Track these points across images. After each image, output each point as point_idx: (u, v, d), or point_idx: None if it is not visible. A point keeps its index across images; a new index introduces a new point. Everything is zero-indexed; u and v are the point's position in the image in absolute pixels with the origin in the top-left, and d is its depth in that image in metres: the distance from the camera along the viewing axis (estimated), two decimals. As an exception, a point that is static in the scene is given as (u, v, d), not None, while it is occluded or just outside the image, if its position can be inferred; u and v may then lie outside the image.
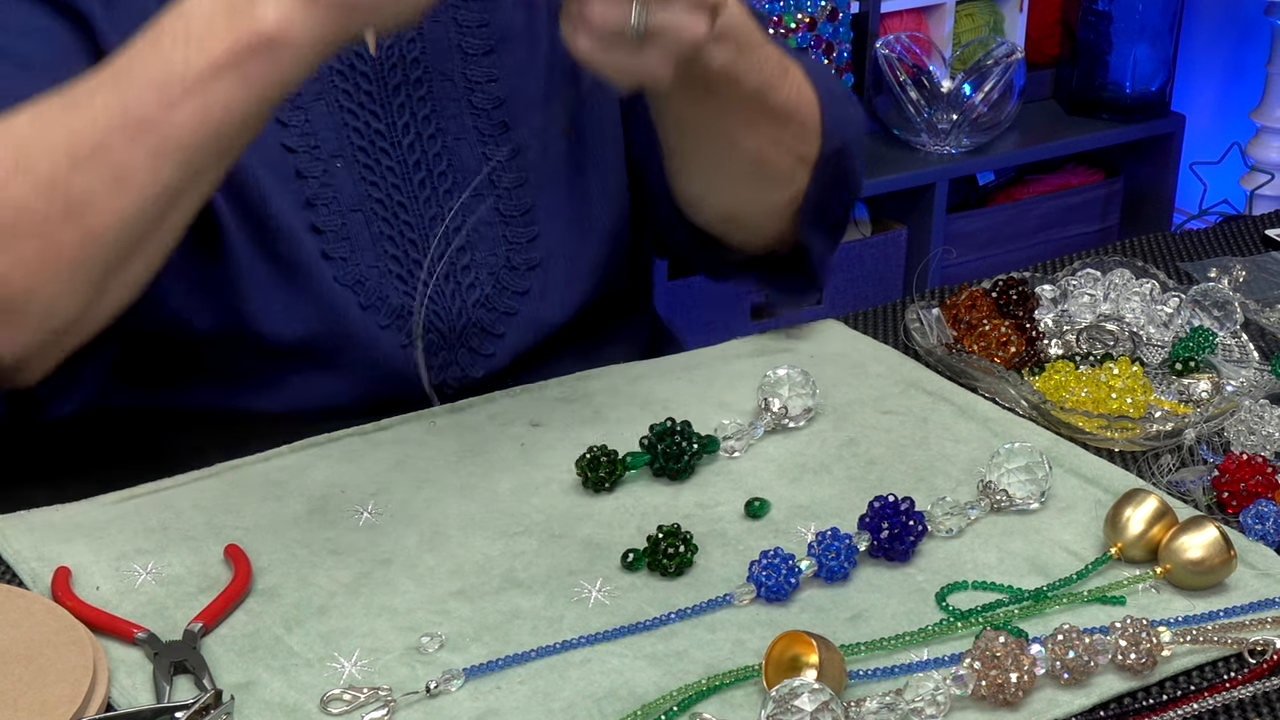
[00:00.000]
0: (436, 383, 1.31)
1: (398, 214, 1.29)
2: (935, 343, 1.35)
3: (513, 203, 1.33)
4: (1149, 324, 1.40)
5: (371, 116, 1.28)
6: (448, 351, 1.31)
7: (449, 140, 1.31)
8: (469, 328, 1.31)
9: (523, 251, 1.33)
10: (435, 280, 1.30)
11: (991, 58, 3.24)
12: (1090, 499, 1.16)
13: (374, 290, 1.28)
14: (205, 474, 1.18)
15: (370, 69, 1.28)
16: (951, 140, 3.22)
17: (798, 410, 1.25)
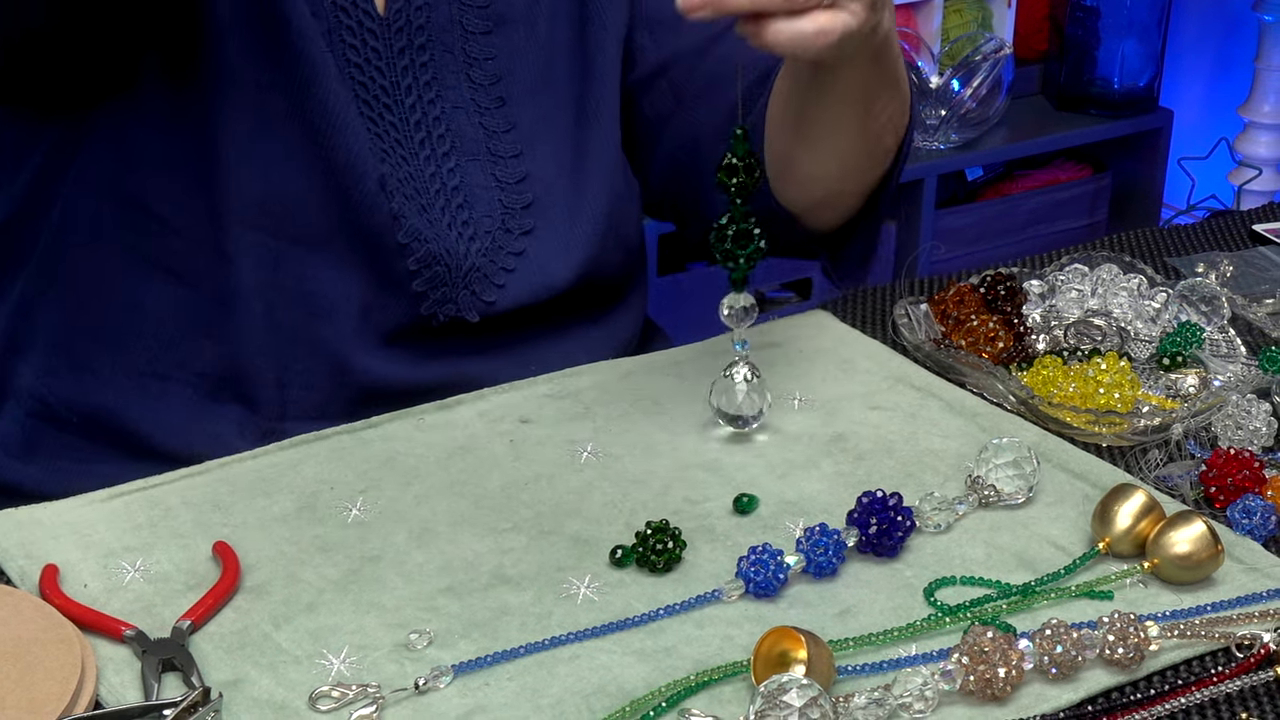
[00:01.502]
0: (427, 313, 1.33)
1: (400, 165, 1.32)
2: (923, 338, 1.35)
3: (508, 170, 1.36)
4: (1136, 319, 1.40)
5: (376, 73, 1.32)
6: (449, 288, 1.33)
7: (447, 108, 1.35)
8: (474, 271, 1.34)
9: (516, 217, 1.36)
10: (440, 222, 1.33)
11: (980, 53, 3.24)
12: (1078, 494, 1.16)
13: (403, 207, 1.31)
14: (193, 471, 1.18)
15: (377, 27, 1.32)
16: (940, 136, 3.22)
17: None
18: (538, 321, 1.38)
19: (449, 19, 1.35)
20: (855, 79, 1.24)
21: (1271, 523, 1.12)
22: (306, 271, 1.30)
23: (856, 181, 1.36)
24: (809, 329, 1.40)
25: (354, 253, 1.30)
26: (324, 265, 1.30)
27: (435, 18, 1.34)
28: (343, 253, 1.30)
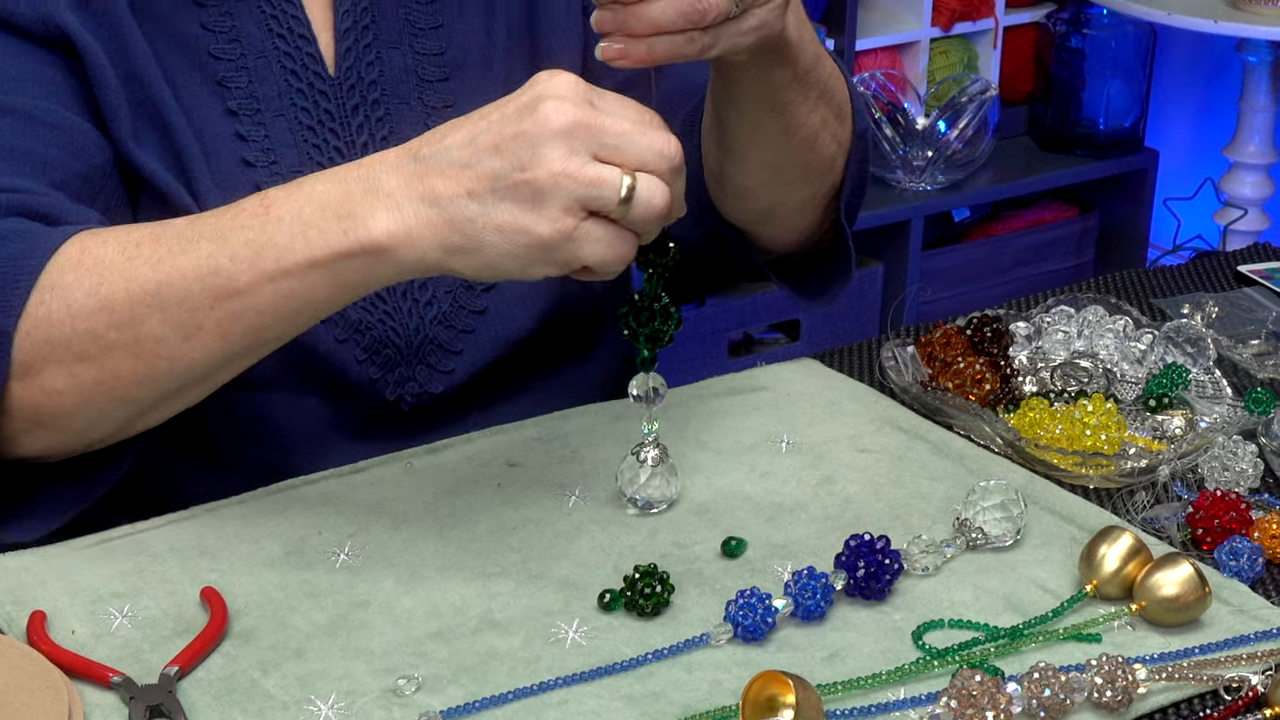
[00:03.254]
0: (394, 397, 1.32)
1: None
2: (910, 380, 1.35)
3: None
4: (1123, 361, 1.40)
5: (330, 134, 1.30)
6: (405, 367, 1.32)
7: None
8: (426, 344, 1.32)
9: None
10: (392, 295, 1.31)
11: (966, 95, 3.26)
12: (1065, 536, 1.16)
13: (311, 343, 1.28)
14: (181, 516, 1.18)
15: (329, 88, 1.30)
16: (927, 177, 3.23)
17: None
18: (506, 376, 1.36)
19: (403, 69, 1.33)
20: (763, 84, 1.21)
21: (1259, 564, 1.12)
22: (258, 411, 1.29)
23: (797, 192, 1.33)
24: (795, 373, 1.40)
25: (299, 374, 1.29)
26: (278, 398, 1.29)
27: (388, 71, 1.32)
28: (296, 381, 1.29)
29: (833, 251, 1.42)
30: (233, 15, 1.28)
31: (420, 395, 1.33)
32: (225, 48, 1.27)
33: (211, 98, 1.27)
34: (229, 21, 1.28)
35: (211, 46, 1.27)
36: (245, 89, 1.28)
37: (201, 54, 1.27)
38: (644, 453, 1.18)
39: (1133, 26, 3.37)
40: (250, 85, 1.28)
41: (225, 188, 1.25)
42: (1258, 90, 3.24)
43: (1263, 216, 3.30)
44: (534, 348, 1.37)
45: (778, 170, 1.30)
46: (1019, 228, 3.47)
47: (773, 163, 1.29)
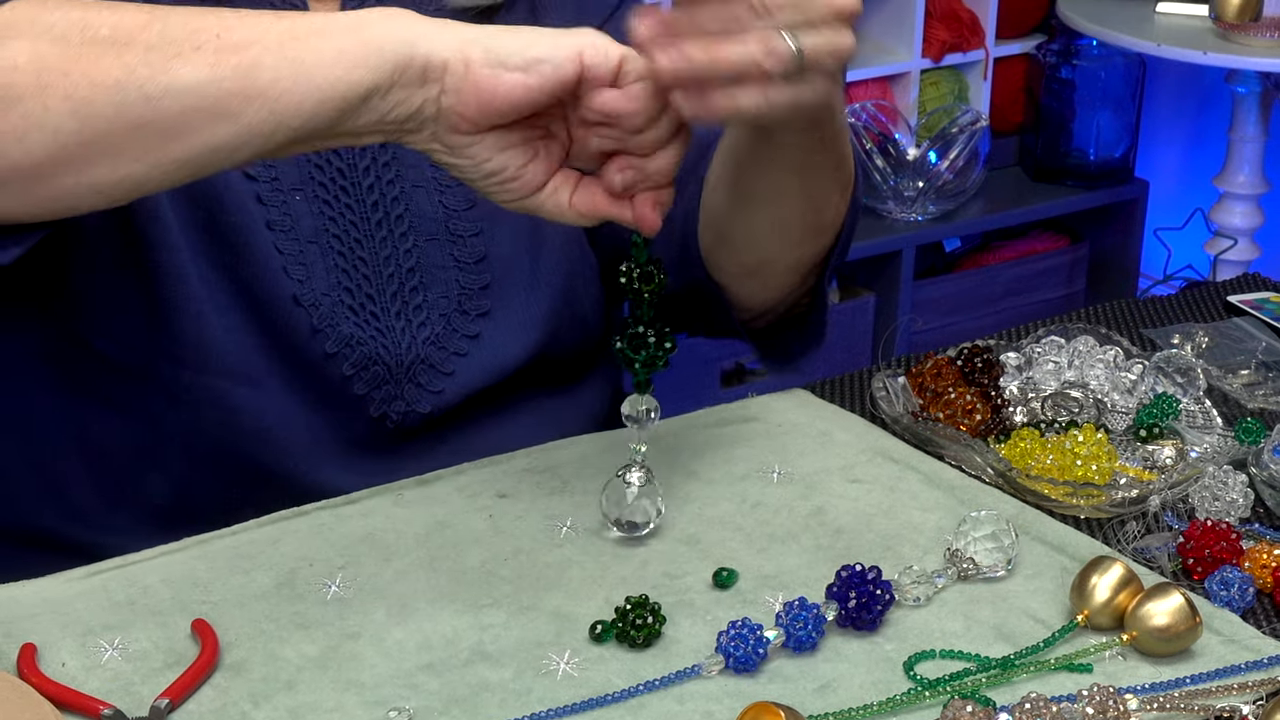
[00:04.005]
0: (377, 414, 1.32)
1: (353, 249, 1.31)
2: (901, 411, 1.35)
3: (467, 249, 1.35)
4: (1113, 391, 1.40)
5: (334, 155, 1.31)
6: (393, 385, 1.32)
7: (407, 187, 1.33)
8: (418, 363, 1.33)
9: (474, 298, 1.35)
10: (386, 314, 1.32)
11: (956, 125, 3.27)
12: (1056, 566, 1.16)
13: (326, 316, 1.30)
14: (172, 548, 1.18)
15: None
16: (918, 207, 3.24)
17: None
18: (495, 403, 1.37)
19: None
20: (797, 149, 1.22)
21: (1249, 594, 1.12)
22: (249, 407, 1.29)
23: (793, 252, 1.34)
24: (787, 403, 1.40)
25: (289, 378, 1.30)
26: (265, 398, 1.29)
27: None
28: (279, 381, 1.29)
29: (805, 317, 1.42)
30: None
31: (406, 414, 1.33)
32: None
33: None
34: None
35: None
36: None
37: None
38: (629, 475, 1.18)
39: (1122, 58, 3.38)
40: None
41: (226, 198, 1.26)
42: (1247, 121, 3.25)
43: (1253, 246, 3.31)
44: (526, 376, 1.38)
45: (784, 228, 1.31)
46: (1010, 258, 3.48)
47: (782, 221, 1.30)
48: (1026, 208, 3.39)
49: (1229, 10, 2.97)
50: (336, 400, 1.31)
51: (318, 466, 1.30)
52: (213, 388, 1.28)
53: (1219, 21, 3.02)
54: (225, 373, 1.28)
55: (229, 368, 1.28)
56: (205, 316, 1.27)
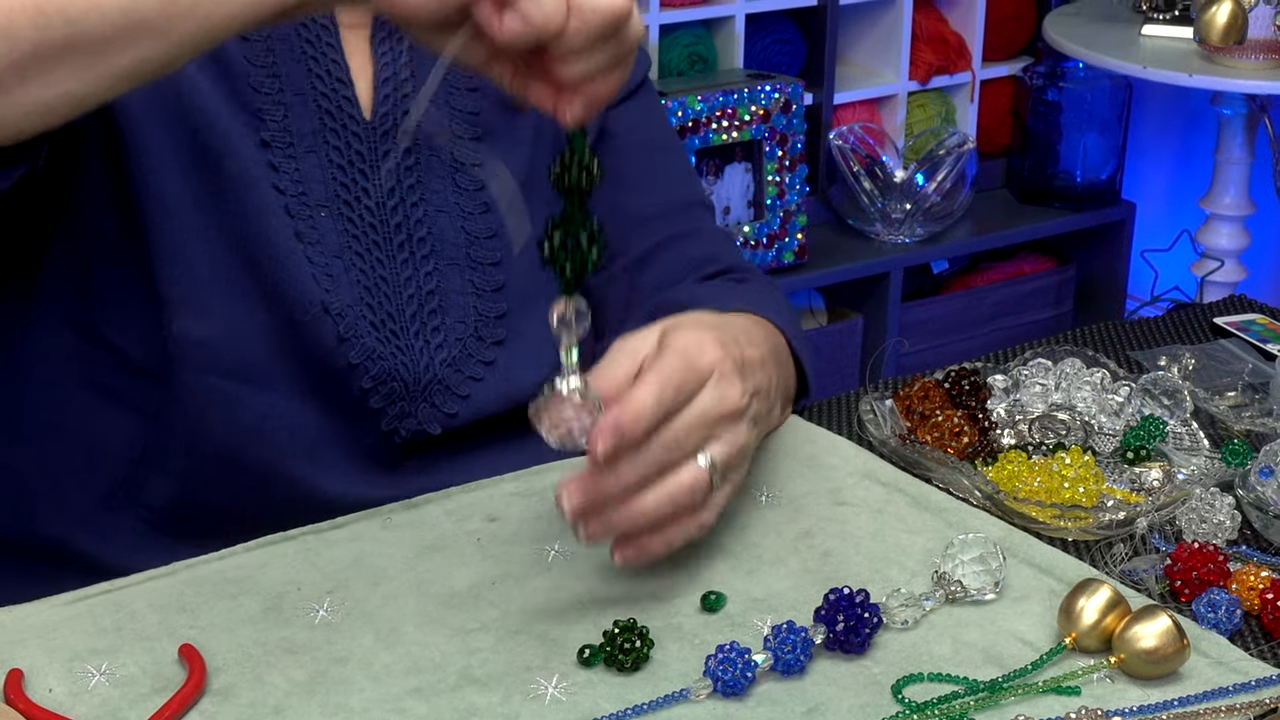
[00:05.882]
0: (388, 429, 1.33)
1: (375, 268, 1.33)
2: (889, 434, 1.35)
3: (486, 277, 1.37)
4: (1100, 413, 1.40)
5: (359, 174, 1.33)
6: (408, 402, 1.34)
7: (430, 210, 1.36)
8: (434, 384, 1.34)
9: (490, 326, 1.37)
10: (405, 333, 1.33)
11: (943, 148, 3.27)
12: (1044, 589, 1.16)
13: (352, 327, 1.31)
14: (159, 573, 1.17)
15: (362, 131, 1.34)
16: (905, 229, 3.24)
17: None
18: (503, 430, 1.38)
19: (438, 123, 1.37)
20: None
21: (1237, 616, 1.12)
22: (258, 408, 1.30)
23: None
24: (775, 425, 1.40)
25: (305, 382, 1.31)
26: (276, 399, 1.30)
27: (424, 122, 1.36)
28: (293, 384, 1.30)
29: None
30: (274, 52, 1.31)
31: (416, 432, 1.35)
32: (265, 81, 1.31)
33: (246, 127, 1.29)
34: (270, 58, 1.31)
35: (252, 78, 1.30)
36: (280, 123, 1.31)
37: (241, 83, 1.30)
38: (563, 382, 1.08)
39: (1108, 80, 3.39)
40: (285, 120, 1.31)
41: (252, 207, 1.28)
42: (1233, 143, 3.26)
43: (1239, 268, 3.32)
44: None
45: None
46: (997, 280, 3.48)
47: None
48: (1014, 230, 3.40)
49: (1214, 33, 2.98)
50: (350, 410, 1.32)
51: (320, 472, 1.31)
52: (221, 387, 1.28)
53: (1204, 44, 3.02)
54: (236, 373, 1.29)
55: (242, 368, 1.29)
56: (224, 316, 1.28)
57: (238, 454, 1.30)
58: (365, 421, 1.33)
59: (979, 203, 3.40)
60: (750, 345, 1.21)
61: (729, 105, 3.01)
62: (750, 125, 3.04)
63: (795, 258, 3.14)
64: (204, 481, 1.30)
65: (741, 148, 3.08)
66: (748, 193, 3.11)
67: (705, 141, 3.00)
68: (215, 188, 1.27)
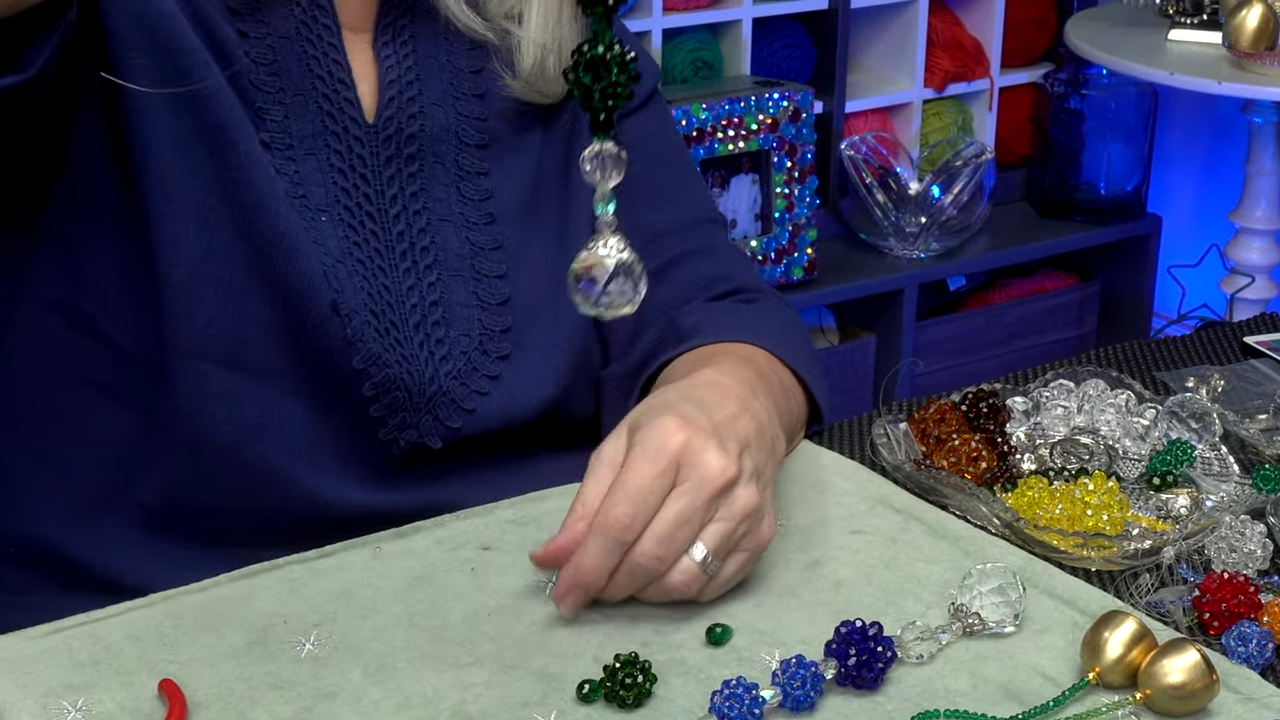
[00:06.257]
0: (386, 439, 1.34)
1: (377, 276, 1.34)
2: (903, 459, 1.36)
3: (491, 290, 1.39)
4: (1125, 437, 1.41)
5: (360, 180, 1.35)
6: (410, 413, 1.35)
7: (434, 219, 1.38)
8: (439, 395, 1.35)
9: (495, 340, 1.38)
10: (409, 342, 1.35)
11: (960, 158, 3.28)
12: (1066, 621, 1.17)
13: (359, 330, 1.32)
14: (138, 604, 1.18)
15: (364, 134, 1.35)
16: (920, 244, 3.25)
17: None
18: (505, 447, 1.39)
19: (444, 128, 1.38)
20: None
21: (1268, 650, 1.13)
22: (256, 402, 1.30)
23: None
24: (784, 449, 1.41)
25: (306, 381, 1.31)
26: (275, 395, 1.31)
27: (429, 126, 1.38)
28: (294, 382, 1.31)
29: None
30: (275, 50, 1.33)
31: (415, 445, 1.36)
32: (267, 80, 1.32)
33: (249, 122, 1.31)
34: (271, 56, 1.33)
35: (254, 75, 1.32)
36: (280, 123, 1.32)
37: (244, 79, 1.31)
38: (601, 243, 0.99)
39: (1134, 87, 3.40)
40: (286, 120, 1.33)
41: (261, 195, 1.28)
42: (1264, 153, 3.26)
43: (1270, 284, 3.32)
44: (537, 430, 1.41)
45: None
46: (1016, 297, 3.49)
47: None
48: (1034, 244, 3.40)
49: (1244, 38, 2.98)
50: (349, 415, 1.33)
51: (318, 474, 1.32)
52: (219, 378, 1.29)
53: (1234, 49, 3.03)
54: (235, 363, 1.30)
55: (241, 359, 1.30)
56: (226, 303, 1.29)
57: (235, 450, 1.30)
58: (364, 429, 1.34)
59: (997, 216, 3.41)
60: (722, 402, 1.21)
61: (735, 114, 3.02)
62: (758, 135, 3.05)
63: (805, 274, 3.14)
64: (199, 479, 1.31)
65: (748, 158, 3.09)
66: (755, 205, 3.12)
67: (710, 152, 3.01)
68: (221, 173, 1.28)
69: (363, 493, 1.33)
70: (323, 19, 1.35)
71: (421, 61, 1.39)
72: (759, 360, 1.34)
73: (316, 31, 1.35)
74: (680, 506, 1.13)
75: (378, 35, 1.38)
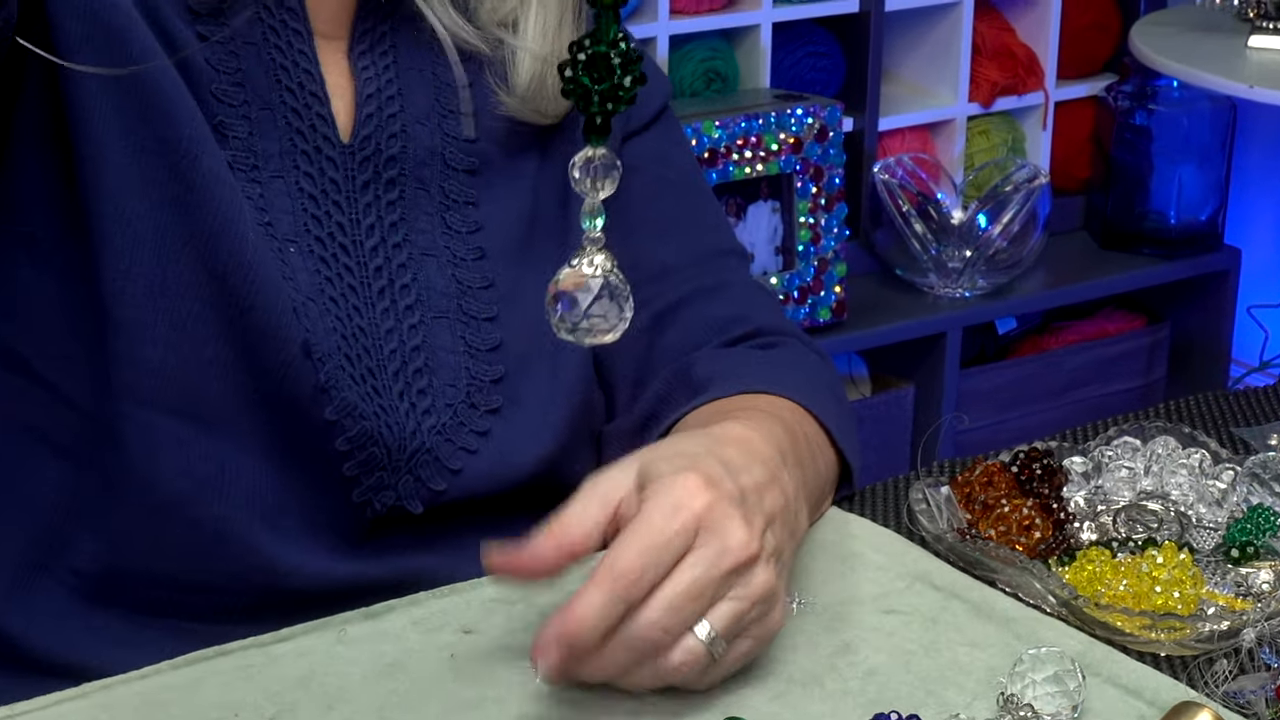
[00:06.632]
0: (359, 500, 1.34)
1: (352, 317, 1.34)
2: (945, 527, 1.36)
3: (480, 335, 1.39)
4: (1199, 502, 1.41)
5: (334, 207, 1.35)
6: (389, 473, 1.34)
7: (416, 253, 1.37)
8: (421, 453, 1.35)
9: (485, 391, 1.38)
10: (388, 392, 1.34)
11: (1010, 183, 3.28)
12: (1133, 714, 1.17)
13: (333, 376, 1.32)
14: (67, 696, 1.18)
15: (338, 155, 1.36)
16: (965, 281, 3.25)
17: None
18: (494, 513, 1.39)
19: (428, 150, 1.38)
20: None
21: (1364, 747, 1.13)
22: (212, 455, 1.30)
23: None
24: (809, 517, 1.41)
25: (271, 433, 1.31)
26: (234, 448, 1.31)
27: (412, 148, 1.38)
28: (257, 433, 1.31)
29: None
30: (239, 57, 1.33)
31: (393, 509, 1.35)
32: (229, 90, 1.32)
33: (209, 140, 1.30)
34: (234, 63, 1.33)
35: (215, 85, 1.32)
36: (244, 141, 1.33)
37: (204, 90, 1.31)
38: (585, 259, 1.01)
39: (1209, 102, 3.40)
40: (250, 138, 1.33)
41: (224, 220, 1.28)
42: (1358, 177, 3.26)
43: (1366, 327, 3.32)
44: (531, 495, 1.40)
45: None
46: (1075, 341, 3.49)
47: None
48: (1095, 281, 3.41)
49: (1336, 45, 2.99)
50: (318, 473, 1.33)
51: (280, 540, 1.32)
52: (170, 428, 1.29)
53: (1323, 59, 3.04)
54: (190, 412, 1.29)
55: (197, 406, 1.29)
56: (181, 342, 1.29)
57: (187, 510, 1.30)
58: (335, 489, 1.34)
59: (1053, 249, 3.41)
60: (751, 466, 1.21)
61: (753, 132, 3.02)
62: (778, 156, 3.05)
63: (833, 315, 3.14)
64: (145, 542, 1.30)
65: (768, 183, 3.09)
66: (775, 237, 3.12)
67: (724, 176, 3.01)
68: (180, 193, 1.28)
69: (331, 561, 1.33)
70: (292, 23, 1.35)
71: (403, 74, 1.39)
72: (785, 415, 1.34)
73: (285, 38, 1.35)
74: (694, 575, 1.12)
75: (354, 43, 1.38)
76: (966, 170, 3.39)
